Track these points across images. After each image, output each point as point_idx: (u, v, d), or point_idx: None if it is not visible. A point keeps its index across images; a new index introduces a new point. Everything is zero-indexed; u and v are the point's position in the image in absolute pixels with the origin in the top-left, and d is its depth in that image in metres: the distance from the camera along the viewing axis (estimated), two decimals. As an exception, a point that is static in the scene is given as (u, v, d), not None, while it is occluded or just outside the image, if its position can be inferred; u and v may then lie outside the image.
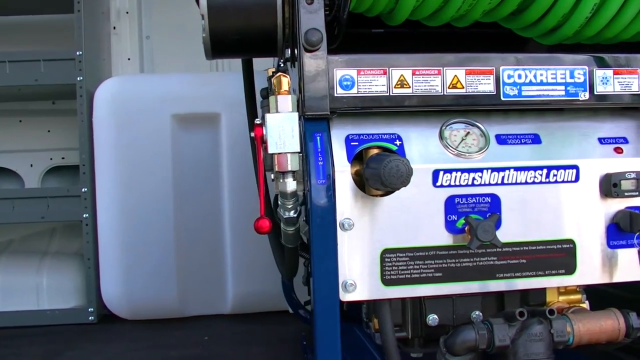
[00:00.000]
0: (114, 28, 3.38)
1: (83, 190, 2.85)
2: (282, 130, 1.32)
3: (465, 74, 1.44)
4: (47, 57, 2.85)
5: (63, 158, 3.36)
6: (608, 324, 1.41)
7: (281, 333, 2.58)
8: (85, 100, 2.84)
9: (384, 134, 1.42)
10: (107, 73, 3.23)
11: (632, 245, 1.46)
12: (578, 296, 1.57)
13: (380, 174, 1.24)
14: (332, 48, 1.48)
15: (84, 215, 2.85)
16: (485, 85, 1.44)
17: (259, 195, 1.41)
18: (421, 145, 1.42)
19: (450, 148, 1.41)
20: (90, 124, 2.84)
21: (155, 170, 2.81)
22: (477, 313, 1.48)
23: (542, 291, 1.54)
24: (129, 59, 3.39)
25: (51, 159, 3.37)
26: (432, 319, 1.47)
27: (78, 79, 2.84)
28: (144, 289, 2.81)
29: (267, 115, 1.33)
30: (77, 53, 2.86)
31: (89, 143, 2.84)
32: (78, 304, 2.95)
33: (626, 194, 1.44)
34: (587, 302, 1.58)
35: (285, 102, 1.34)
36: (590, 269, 1.45)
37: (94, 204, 2.84)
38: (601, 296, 2.21)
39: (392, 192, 1.36)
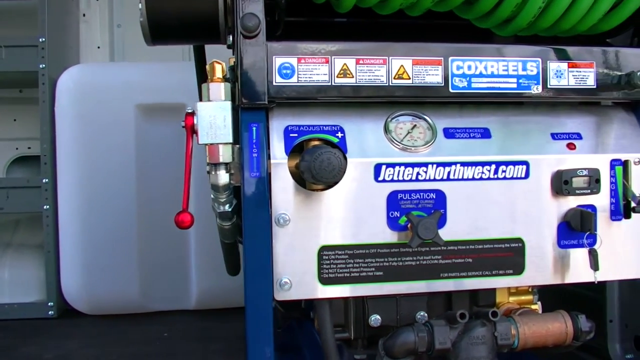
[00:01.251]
0: (84, 15, 3.31)
1: (44, 181, 2.78)
2: (214, 119, 1.26)
3: (412, 64, 1.37)
4: (9, 43, 2.78)
5: (29, 148, 3.29)
6: (555, 327, 1.36)
7: (242, 330, 2.51)
8: (47, 88, 2.77)
9: (326, 126, 1.35)
10: (75, 61, 3.16)
11: (582, 245, 1.39)
12: (529, 297, 1.51)
13: (310, 167, 1.18)
14: (278, 35, 1.42)
15: (45, 207, 2.78)
16: (432, 77, 1.38)
17: (183, 188, 1.34)
18: (364, 138, 1.35)
19: (395, 141, 1.35)
20: (52, 112, 2.76)
21: (119, 161, 2.74)
22: (422, 314, 1.42)
23: (492, 292, 1.48)
24: (98, 48, 3.32)
25: (17, 148, 3.30)
26: (375, 319, 1.40)
27: (40, 66, 2.78)
28: (105, 284, 2.74)
29: (198, 104, 1.27)
30: (40, 39, 2.79)
31: (51, 132, 2.77)
32: (40, 297, 2.89)
33: (577, 191, 1.38)
34: (539, 303, 1.53)
35: (217, 90, 1.28)
36: (539, 270, 1.39)
37: (55, 195, 2.77)
38: (568, 296, 2.17)
39: (332, 186, 1.29)
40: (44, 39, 2.78)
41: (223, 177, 1.28)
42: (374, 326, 1.40)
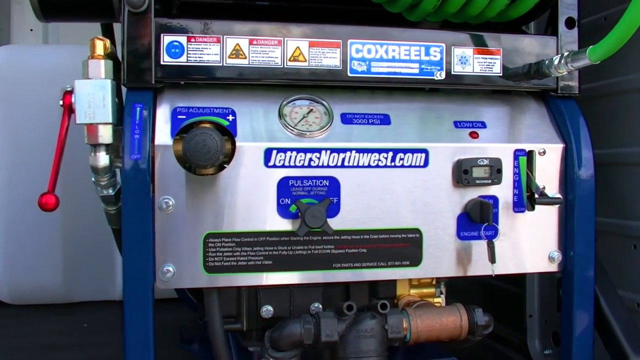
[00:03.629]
0: (16, -4, 3.20)
1: (-36, 167, 2.67)
2: (93, 98, 1.19)
3: (309, 46, 1.32)
4: None
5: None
6: (450, 321, 1.32)
7: (165, 321, 2.44)
8: (-31, 71, 2.66)
9: (217, 108, 1.29)
10: (4, 43, 3.05)
11: (482, 237, 1.36)
12: (431, 290, 1.47)
13: (185, 149, 1.12)
14: (173, 14, 1.36)
15: (-36, 194, 2.67)
16: (330, 60, 1.33)
17: (52, 169, 1.28)
18: (257, 122, 1.30)
19: (289, 126, 1.30)
20: (-27, 96, 2.66)
21: (43, 148, 2.63)
22: (316, 305, 1.37)
23: (392, 284, 1.44)
24: (31, 30, 3.21)
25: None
26: (266, 310, 1.35)
27: (-35, 47, 2.67)
28: (27, 273, 2.65)
29: (76, 82, 1.20)
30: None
31: (-28, 117, 2.66)
32: (-37, 286, 2.78)
33: (478, 181, 1.34)
34: (442, 296, 1.49)
35: (96, 67, 1.21)
36: (438, 261, 1.35)
37: (-24, 182, 2.67)
38: (491, 290, 2.14)
39: (220, 170, 1.24)
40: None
41: (103, 159, 1.22)
42: (265, 317, 1.35)
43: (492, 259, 1.33)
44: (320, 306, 1.37)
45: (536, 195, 1.38)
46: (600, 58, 1.23)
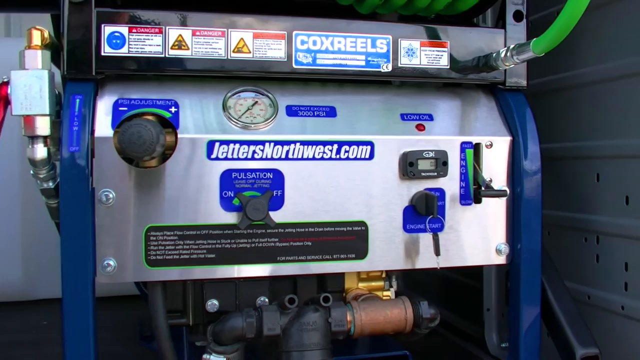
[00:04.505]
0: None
1: None
2: (29, 89, 1.17)
3: (253, 38, 1.31)
4: None
5: None
6: (394, 314, 1.31)
7: (125, 317, 2.43)
8: None
9: (159, 100, 1.28)
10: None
11: (427, 230, 1.35)
12: (380, 283, 1.47)
13: (120, 141, 1.10)
14: (118, 5, 1.34)
15: None
16: (275, 51, 1.32)
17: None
18: (201, 114, 1.29)
19: (233, 118, 1.28)
20: None
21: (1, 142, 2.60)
22: (262, 299, 1.36)
23: (340, 277, 1.43)
24: (-8, 23, 3.17)
25: None
26: (211, 304, 1.34)
27: None
28: (-15, 270, 2.62)
29: (12, 72, 1.18)
30: None
31: None
32: None
33: (423, 174, 1.34)
34: (391, 289, 1.48)
35: (33, 57, 1.19)
36: (384, 254, 1.35)
37: None
38: (451, 284, 2.15)
39: (162, 163, 1.22)
40: None
41: (40, 151, 1.20)
42: (211, 312, 1.34)
43: (437, 252, 1.33)
44: (267, 300, 1.36)
45: (482, 188, 1.38)
46: (543, 50, 1.23)
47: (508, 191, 1.38)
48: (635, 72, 1.49)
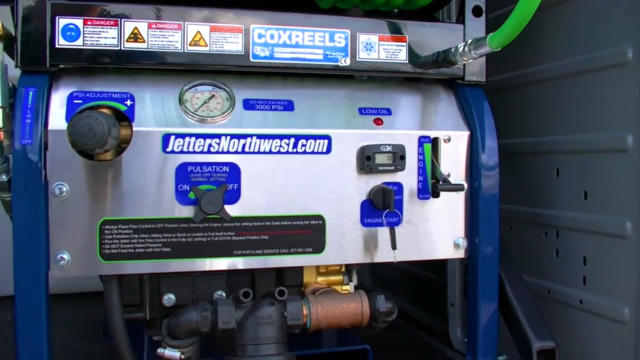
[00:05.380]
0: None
1: None
2: (-20, 81, 1.16)
3: (210, 31, 1.31)
4: None
5: None
6: (350, 307, 1.32)
7: (92, 314, 2.41)
8: None
9: (115, 93, 1.27)
10: None
11: (384, 224, 1.36)
12: (339, 277, 1.47)
13: (70, 133, 1.09)
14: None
15: None
16: (232, 45, 1.32)
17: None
18: (157, 107, 1.28)
19: (189, 112, 1.28)
20: None
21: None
22: (219, 293, 1.36)
23: (299, 271, 1.43)
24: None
25: None
26: (168, 298, 1.34)
27: None
28: (-48, 266, 2.58)
29: (-38, 64, 1.16)
30: None
31: None
32: None
33: (381, 168, 1.34)
34: (351, 283, 1.49)
35: (-17, 49, 1.17)
36: (341, 248, 1.35)
37: None
38: (417, 279, 2.15)
39: (117, 156, 1.22)
40: None
41: (-7, 144, 1.18)
42: (167, 306, 1.33)
43: (394, 245, 1.34)
44: (224, 294, 1.36)
45: (440, 182, 1.38)
46: (500, 45, 1.24)
47: (466, 185, 1.38)
48: (594, 67, 1.50)
